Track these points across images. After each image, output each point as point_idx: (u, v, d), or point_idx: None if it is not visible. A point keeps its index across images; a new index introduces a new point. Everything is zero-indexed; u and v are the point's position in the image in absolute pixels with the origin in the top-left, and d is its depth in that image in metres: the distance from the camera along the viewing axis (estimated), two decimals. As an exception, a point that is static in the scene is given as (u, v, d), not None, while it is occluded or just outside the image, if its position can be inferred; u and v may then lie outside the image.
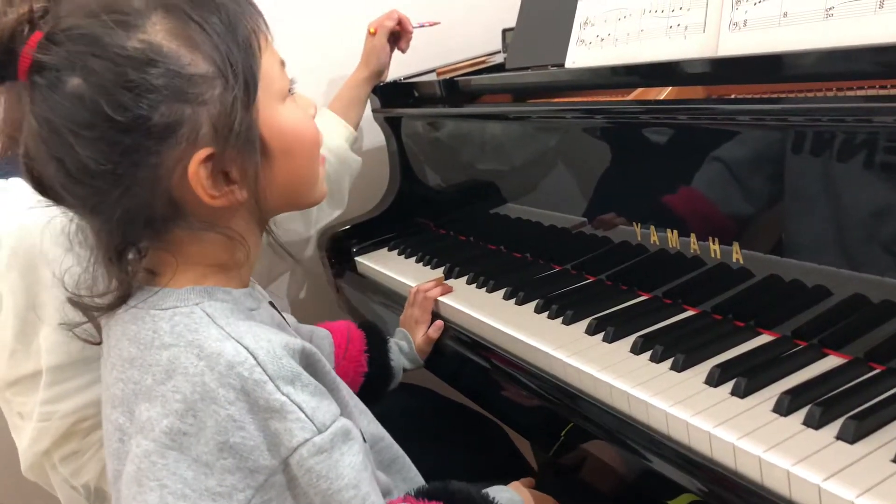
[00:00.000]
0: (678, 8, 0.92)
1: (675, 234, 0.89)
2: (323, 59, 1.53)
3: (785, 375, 0.73)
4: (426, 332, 1.09)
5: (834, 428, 0.64)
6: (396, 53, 1.43)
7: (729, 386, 0.73)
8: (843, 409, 0.65)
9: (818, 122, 0.71)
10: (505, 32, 1.45)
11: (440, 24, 1.49)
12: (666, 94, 0.96)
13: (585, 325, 0.91)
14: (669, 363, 0.79)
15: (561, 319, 0.95)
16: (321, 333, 1.02)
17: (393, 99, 1.43)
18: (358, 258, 1.41)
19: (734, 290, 0.84)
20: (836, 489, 0.57)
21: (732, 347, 0.80)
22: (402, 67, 1.46)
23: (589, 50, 1.04)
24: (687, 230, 0.87)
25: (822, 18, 0.74)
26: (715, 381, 0.74)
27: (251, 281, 0.74)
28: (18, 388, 0.93)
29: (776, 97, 0.80)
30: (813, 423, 0.65)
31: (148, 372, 0.62)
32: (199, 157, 0.60)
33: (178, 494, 0.59)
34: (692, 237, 0.87)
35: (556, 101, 1.13)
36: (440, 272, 1.22)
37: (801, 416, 0.66)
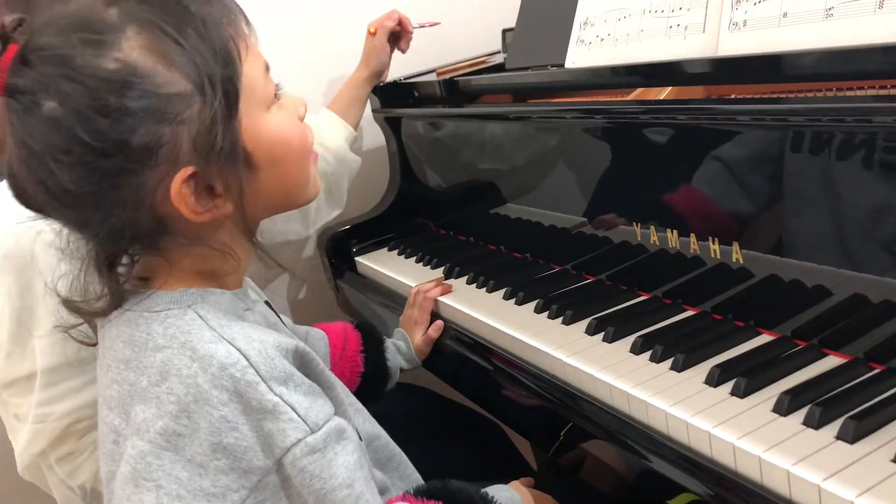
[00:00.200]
0: (678, 8, 0.91)
1: (674, 234, 0.89)
2: (323, 58, 1.53)
3: (785, 375, 0.73)
4: (425, 332, 1.09)
5: (834, 428, 0.64)
6: (396, 53, 1.43)
7: (729, 386, 0.73)
8: (842, 409, 0.65)
9: (818, 122, 0.71)
10: (505, 32, 1.45)
11: (440, 24, 1.49)
12: (666, 94, 0.96)
13: (585, 325, 0.91)
14: (669, 363, 0.79)
15: (561, 319, 0.95)
16: (316, 335, 1.02)
17: (393, 99, 1.43)
18: (358, 258, 1.41)
19: (734, 290, 0.84)
20: (835, 489, 0.57)
21: (732, 347, 0.80)
22: (402, 67, 1.46)
23: (589, 50, 1.04)
24: (687, 230, 0.87)
25: (821, 18, 0.74)
26: (715, 381, 0.74)
27: (246, 280, 0.73)
28: (14, 389, 0.93)
29: (776, 97, 0.81)
30: (813, 422, 0.65)
31: (143, 374, 0.62)
32: (181, 176, 0.59)
33: (173, 495, 0.60)
34: (692, 237, 0.87)
35: (556, 101, 1.13)
36: (440, 272, 1.22)
37: (800, 415, 0.66)
